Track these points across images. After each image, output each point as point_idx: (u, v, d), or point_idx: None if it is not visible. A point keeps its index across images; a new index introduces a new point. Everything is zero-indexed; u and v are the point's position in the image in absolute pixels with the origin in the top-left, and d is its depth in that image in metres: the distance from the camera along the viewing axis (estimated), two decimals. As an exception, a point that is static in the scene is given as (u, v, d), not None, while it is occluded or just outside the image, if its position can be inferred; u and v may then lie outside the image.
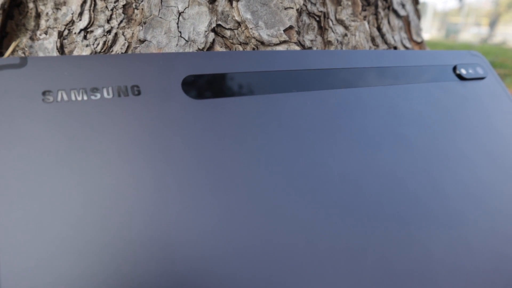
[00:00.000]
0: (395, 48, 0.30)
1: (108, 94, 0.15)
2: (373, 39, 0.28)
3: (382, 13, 0.29)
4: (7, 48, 0.24)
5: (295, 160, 0.17)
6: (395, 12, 0.32)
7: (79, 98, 0.15)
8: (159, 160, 0.15)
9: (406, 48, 0.32)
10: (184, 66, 0.17)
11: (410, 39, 0.34)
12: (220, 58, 0.18)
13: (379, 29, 0.29)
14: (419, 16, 0.37)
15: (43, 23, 0.23)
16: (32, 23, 0.23)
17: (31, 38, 0.23)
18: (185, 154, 0.15)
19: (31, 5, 0.24)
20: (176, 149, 0.15)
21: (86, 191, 0.13)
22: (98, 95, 0.15)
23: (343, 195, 0.16)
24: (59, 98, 0.15)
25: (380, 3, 0.29)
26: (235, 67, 0.18)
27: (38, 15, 0.23)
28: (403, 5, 0.34)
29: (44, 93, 0.14)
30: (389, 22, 0.31)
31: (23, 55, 0.22)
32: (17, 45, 0.23)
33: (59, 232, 0.12)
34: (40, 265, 0.12)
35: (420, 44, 0.34)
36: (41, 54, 0.22)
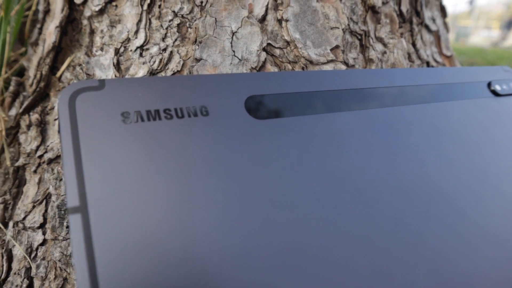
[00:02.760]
0: (428, 63, 0.31)
1: (179, 114, 0.16)
2: (409, 56, 0.28)
3: (416, 29, 0.30)
4: (62, 63, 0.25)
5: (348, 176, 0.17)
6: (427, 27, 0.33)
7: (154, 119, 0.16)
8: (228, 177, 0.16)
9: (437, 62, 0.33)
10: (246, 86, 0.18)
11: (440, 53, 0.34)
12: (279, 79, 0.19)
13: (413, 45, 0.30)
14: (448, 30, 0.37)
15: (97, 39, 0.24)
16: (86, 39, 0.24)
17: (87, 54, 0.24)
18: (251, 171, 0.16)
19: (85, 22, 0.25)
20: (242, 167, 0.16)
21: (165, 205, 0.14)
22: (170, 116, 0.16)
23: (392, 209, 0.17)
24: (135, 119, 0.16)
25: (414, 19, 0.30)
26: (293, 87, 0.19)
27: (92, 32, 0.24)
28: (433, 20, 0.34)
29: (122, 114, 0.16)
30: (421, 38, 0.31)
31: (80, 70, 0.23)
32: (72, 60, 0.24)
33: (144, 244, 0.13)
34: (136, 266, 0.13)
35: (450, 57, 0.35)
36: (97, 70, 0.23)
